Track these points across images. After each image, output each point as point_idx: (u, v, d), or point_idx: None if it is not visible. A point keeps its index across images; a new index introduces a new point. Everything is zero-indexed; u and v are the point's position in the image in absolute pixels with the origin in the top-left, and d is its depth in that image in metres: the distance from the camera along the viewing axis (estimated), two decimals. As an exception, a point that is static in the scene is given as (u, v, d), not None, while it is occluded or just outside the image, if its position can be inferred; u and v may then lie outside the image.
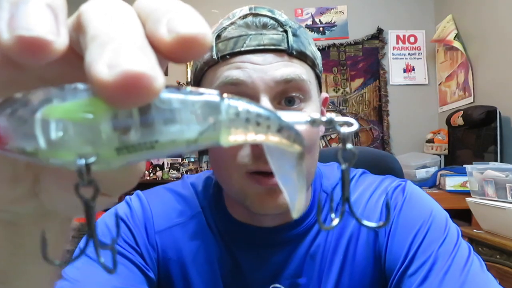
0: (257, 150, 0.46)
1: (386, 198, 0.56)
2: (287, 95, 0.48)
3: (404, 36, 2.89)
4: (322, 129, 0.56)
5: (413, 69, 2.89)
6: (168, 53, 0.15)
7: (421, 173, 2.29)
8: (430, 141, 2.62)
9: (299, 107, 0.49)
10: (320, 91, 0.56)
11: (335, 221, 0.20)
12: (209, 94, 0.16)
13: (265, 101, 0.47)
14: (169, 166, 2.84)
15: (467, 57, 2.42)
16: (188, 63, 2.66)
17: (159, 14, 0.16)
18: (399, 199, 0.55)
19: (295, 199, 0.19)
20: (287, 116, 0.18)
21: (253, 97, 0.47)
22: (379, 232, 0.54)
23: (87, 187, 0.15)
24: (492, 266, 1.38)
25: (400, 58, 2.89)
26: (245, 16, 0.49)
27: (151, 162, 2.84)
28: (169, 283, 0.56)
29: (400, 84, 2.88)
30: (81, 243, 0.53)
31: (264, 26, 0.49)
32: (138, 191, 0.61)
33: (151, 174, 2.77)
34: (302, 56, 0.50)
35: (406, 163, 2.27)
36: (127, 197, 0.59)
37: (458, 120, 2.29)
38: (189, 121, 0.15)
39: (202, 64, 0.51)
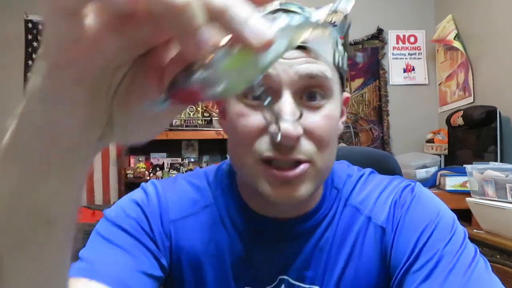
0: (276, 141, 0.47)
1: (394, 197, 0.57)
2: (309, 90, 0.49)
3: (404, 36, 2.90)
4: (340, 127, 0.56)
5: (413, 69, 2.89)
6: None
7: (421, 173, 2.29)
8: (430, 141, 2.62)
9: (320, 103, 0.50)
10: (343, 90, 0.56)
11: None
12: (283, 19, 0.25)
13: (287, 94, 0.47)
14: (169, 166, 2.84)
15: (467, 57, 2.42)
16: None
17: None
18: (408, 198, 0.56)
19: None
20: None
21: (276, 90, 0.48)
22: (387, 229, 0.55)
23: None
24: (492, 266, 1.37)
25: (400, 58, 2.89)
26: (274, 12, 0.49)
27: (151, 163, 2.84)
28: (180, 272, 0.57)
29: (400, 84, 2.88)
30: (98, 225, 0.55)
31: None
32: (153, 180, 0.62)
33: (151, 174, 2.76)
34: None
35: (406, 163, 2.27)
36: (143, 184, 0.61)
37: (458, 120, 2.29)
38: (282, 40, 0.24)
39: None
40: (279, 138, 0.45)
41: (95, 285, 0.47)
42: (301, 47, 0.49)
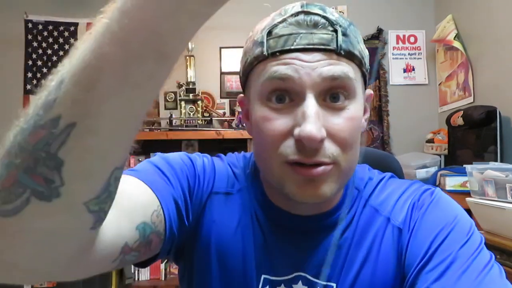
0: (300, 144, 0.48)
1: (413, 199, 0.57)
2: (332, 92, 0.49)
3: (404, 36, 2.89)
4: (364, 124, 0.57)
5: (413, 69, 2.88)
6: None
7: (421, 173, 2.29)
8: (430, 141, 2.62)
9: (343, 104, 0.50)
10: (365, 88, 0.57)
11: None
12: None
13: (310, 97, 0.48)
14: (169, 166, 2.84)
15: (467, 57, 2.42)
16: (188, 65, 2.66)
17: None
18: (426, 201, 0.56)
19: None
20: None
21: (300, 93, 0.49)
22: (403, 230, 0.55)
23: None
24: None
25: (400, 58, 2.89)
26: (297, 14, 0.50)
27: (151, 162, 2.84)
28: (208, 246, 0.58)
29: (400, 84, 2.87)
30: (150, 158, 0.59)
31: (315, 25, 0.49)
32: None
33: (151, 174, 2.76)
34: (350, 56, 0.50)
35: (406, 163, 2.27)
36: (196, 153, 0.64)
37: (458, 120, 2.28)
38: None
39: (252, 59, 0.52)
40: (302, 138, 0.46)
41: (142, 184, 0.50)
42: (323, 50, 0.49)
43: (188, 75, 2.65)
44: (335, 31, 0.49)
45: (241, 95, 0.61)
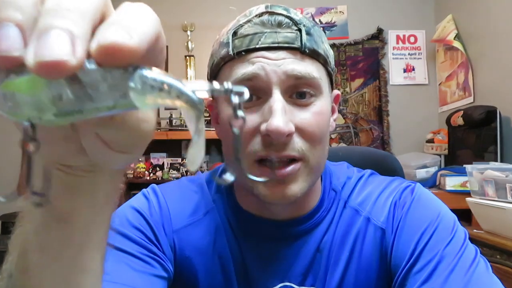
0: (268, 139, 0.48)
1: (394, 198, 0.57)
2: (298, 89, 0.50)
3: (404, 36, 2.89)
4: (333, 124, 0.57)
5: (413, 69, 2.88)
6: (95, 58, 0.19)
7: (421, 173, 2.29)
8: (430, 141, 2.62)
9: (310, 100, 0.50)
10: (332, 88, 0.57)
11: None
12: (124, 69, 0.19)
13: (277, 93, 0.48)
14: (169, 166, 2.84)
15: (467, 57, 2.42)
16: (188, 65, 2.66)
17: (107, 22, 0.19)
18: (408, 199, 0.56)
19: (193, 153, 0.23)
20: (188, 84, 0.21)
21: (267, 90, 0.49)
22: (386, 230, 0.55)
23: (31, 142, 0.20)
24: (492, 266, 1.37)
25: (400, 58, 2.89)
26: (261, 14, 0.51)
27: (151, 163, 2.84)
28: (183, 281, 0.57)
29: (400, 84, 2.87)
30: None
31: (279, 24, 0.50)
32: (154, 185, 0.62)
33: (151, 174, 2.76)
34: (314, 55, 0.51)
35: (406, 163, 2.27)
36: (144, 190, 0.61)
37: (458, 120, 2.29)
38: (106, 92, 0.19)
39: (218, 60, 0.53)
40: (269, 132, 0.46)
41: None
42: (288, 48, 0.49)
43: (188, 75, 2.65)
44: (299, 30, 0.50)
45: (210, 98, 0.60)
